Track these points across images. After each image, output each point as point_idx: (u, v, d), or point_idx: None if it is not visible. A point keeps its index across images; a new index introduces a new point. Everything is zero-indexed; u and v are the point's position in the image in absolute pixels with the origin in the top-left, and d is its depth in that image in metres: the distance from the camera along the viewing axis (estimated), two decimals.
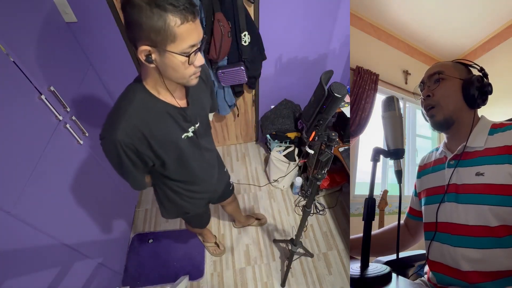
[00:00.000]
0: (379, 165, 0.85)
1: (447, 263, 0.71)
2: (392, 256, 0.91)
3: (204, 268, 1.79)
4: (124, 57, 1.67)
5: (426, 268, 0.82)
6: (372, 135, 1.96)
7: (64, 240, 1.17)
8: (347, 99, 1.86)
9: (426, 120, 0.78)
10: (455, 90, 0.71)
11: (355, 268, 0.70)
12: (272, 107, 2.20)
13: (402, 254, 0.94)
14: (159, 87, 0.76)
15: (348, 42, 1.93)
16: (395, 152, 0.76)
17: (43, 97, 1.11)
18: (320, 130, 1.00)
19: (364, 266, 0.70)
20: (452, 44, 1.86)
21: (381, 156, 0.77)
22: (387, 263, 0.88)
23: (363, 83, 1.80)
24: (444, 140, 0.79)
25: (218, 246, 1.84)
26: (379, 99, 1.51)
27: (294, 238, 1.50)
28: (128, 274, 1.76)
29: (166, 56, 0.65)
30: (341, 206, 2.12)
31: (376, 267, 0.69)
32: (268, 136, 2.19)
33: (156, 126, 0.78)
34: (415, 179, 0.89)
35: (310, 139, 1.05)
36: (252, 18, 1.58)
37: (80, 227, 1.32)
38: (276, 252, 1.87)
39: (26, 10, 1.13)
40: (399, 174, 0.78)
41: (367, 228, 0.72)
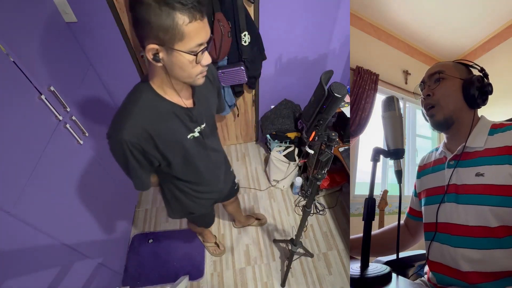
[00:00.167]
0: (379, 165, 0.85)
1: (447, 264, 0.71)
2: (392, 256, 0.91)
3: (204, 268, 1.79)
4: (124, 57, 1.67)
5: (426, 268, 0.82)
6: (372, 135, 1.96)
7: (64, 240, 1.17)
8: (347, 99, 1.86)
9: (426, 120, 0.78)
10: (455, 90, 0.71)
11: (355, 268, 0.70)
12: (272, 107, 2.20)
13: (402, 254, 0.94)
14: (166, 86, 0.76)
15: (348, 42, 1.93)
16: (395, 152, 0.76)
17: (43, 97, 1.11)
18: (320, 130, 1.00)
19: (364, 266, 0.70)
20: (452, 44, 1.86)
21: (381, 156, 0.77)
22: (387, 263, 0.88)
23: (363, 83, 1.80)
24: (443, 140, 0.79)
25: (218, 246, 1.84)
26: (379, 99, 1.51)
27: (294, 238, 1.50)
28: (128, 274, 1.76)
29: (174, 55, 0.65)
30: (341, 206, 2.12)
31: (376, 267, 0.69)
32: (268, 136, 2.19)
33: (162, 126, 0.78)
34: (415, 179, 0.89)
35: (310, 139, 1.05)
36: (252, 18, 1.58)
37: (80, 227, 1.32)
38: (276, 252, 1.87)
39: (26, 10, 1.13)
40: (399, 174, 0.78)
41: (367, 228, 0.72)
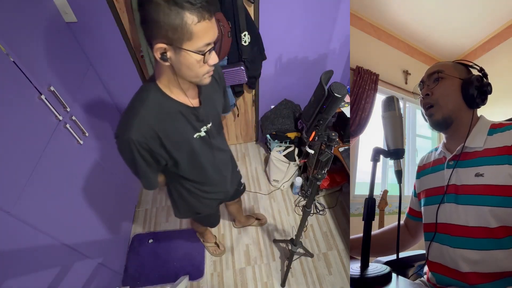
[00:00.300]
0: (379, 165, 0.85)
1: (447, 264, 0.71)
2: (392, 256, 0.91)
3: (204, 268, 1.79)
4: (124, 57, 1.67)
5: (426, 269, 0.82)
6: (372, 135, 1.95)
7: (64, 240, 1.17)
8: (347, 99, 1.86)
9: (425, 119, 0.78)
10: (455, 90, 0.71)
11: (355, 268, 0.70)
12: (272, 107, 2.20)
13: (402, 254, 0.94)
14: (172, 86, 0.76)
15: (348, 42, 1.93)
16: (395, 152, 0.76)
17: (43, 97, 1.11)
18: (320, 130, 1.00)
19: (364, 266, 0.70)
20: (452, 44, 1.86)
21: (381, 156, 0.77)
22: (387, 263, 0.88)
23: (363, 83, 1.80)
24: (443, 140, 0.79)
25: (218, 246, 1.84)
26: (379, 99, 1.51)
27: (294, 238, 1.50)
28: (128, 274, 1.76)
29: (182, 54, 0.65)
30: (341, 206, 2.12)
31: (376, 267, 0.69)
32: (268, 136, 2.19)
33: (169, 125, 0.78)
34: (415, 180, 0.89)
35: (310, 139, 1.05)
36: (252, 18, 1.58)
37: (80, 227, 1.32)
38: (276, 252, 1.87)
39: (26, 10, 1.13)
40: (399, 174, 0.78)
41: (367, 228, 0.72)
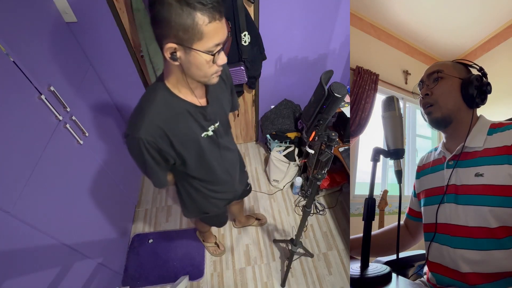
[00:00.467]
0: (379, 165, 0.85)
1: (447, 264, 0.71)
2: (392, 256, 0.91)
3: (204, 268, 1.79)
4: (124, 57, 1.67)
5: (426, 269, 0.82)
6: (372, 135, 1.96)
7: (64, 240, 1.17)
8: (347, 99, 1.86)
9: (425, 119, 0.78)
10: (454, 89, 0.71)
11: (355, 268, 0.70)
12: (272, 107, 2.20)
13: (402, 254, 0.94)
14: (181, 85, 0.77)
15: (348, 42, 1.93)
16: (395, 152, 0.76)
17: (43, 97, 1.11)
18: (320, 130, 1.00)
19: (364, 266, 0.70)
20: (452, 44, 1.86)
21: (381, 156, 0.77)
22: (387, 263, 0.88)
23: (363, 83, 1.80)
24: (442, 140, 0.79)
25: (218, 246, 1.84)
26: (379, 99, 1.51)
27: (294, 238, 1.50)
28: (128, 274, 1.76)
29: (191, 54, 0.65)
30: (341, 206, 2.12)
31: (376, 267, 0.69)
32: (268, 136, 2.19)
33: (177, 124, 0.79)
34: (415, 180, 0.89)
35: (310, 139, 1.05)
36: (252, 18, 1.58)
37: (80, 227, 1.32)
38: (276, 252, 1.87)
39: (26, 10, 1.13)
40: (399, 174, 0.78)
41: (367, 228, 0.72)
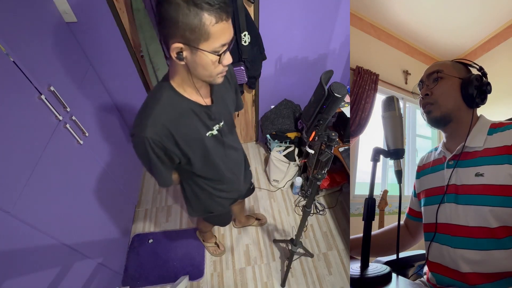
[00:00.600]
0: (379, 165, 0.85)
1: (447, 264, 0.71)
2: (392, 256, 0.91)
3: (204, 268, 1.79)
4: (124, 57, 1.67)
5: (426, 269, 0.82)
6: (372, 135, 1.95)
7: (64, 240, 1.17)
8: (347, 99, 1.86)
9: (424, 119, 0.78)
10: (454, 89, 0.71)
11: (355, 268, 0.70)
12: (272, 107, 2.20)
13: (402, 254, 0.94)
14: (186, 85, 0.77)
15: (348, 42, 1.93)
16: (395, 152, 0.76)
17: (43, 97, 1.11)
18: (320, 130, 1.00)
19: (364, 266, 0.70)
20: (452, 44, 1.85)
21: (381, 156, 0.77)
22: (387, 263, 0.88)
23: (363, 83, 1.80)
24: (442, 140, 0.79)
25: (218, 246, 1.84)
26: (379, 99, 1.51)
27: (294, 238, 1.50)
28: (128, 274, 1.76)
29: (198, 54, 0.66)
30: (341, 206, 2.12)
31: (376, 267, 0.69)
32: (268, 136, 2.19)
33: (182, 123, 0.79)
34: (415, 180, 0.89)
35: (310, 139, 1.05)
36: (252, 18, 1.58)
37: (80, 227, 1.32)
38: (276, 252, 1.87)
39: (26, 10, 1.13)
40: (399, 174, 0.78)
41: (367, 228, 0.72)
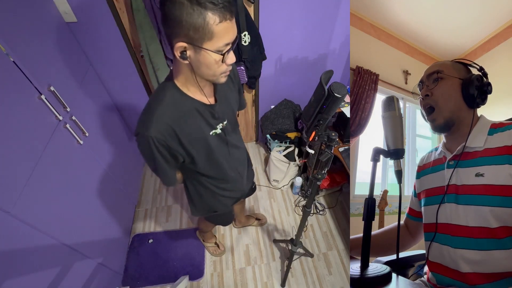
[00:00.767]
0: (379, 165, 0.85)
1: (447, 264, 0.71)
2: (392, 256, 0.91)
3: (204, 268, 1.79)
4: (124, 57, 1.67)
5: (426, 269, 0.82)
6: (372, 135, 1.95)
7: (64, 240, 1.17)
8: (347, 99, 1.86)
9: (425, 120, 0.78)
10: (454, 90, 0.71)
11: (355, 268, 0.70)
12: (272, 107, 2.20)
13: (402, 254, 0.94)
14: (190, 84, 0.78)
15: (348, 42, 1.93)
16: (395, 152, 0.76)
17: (43, 97, 1.11)
18: (320, 130, 1.00)
19: (364, 266, 0.70)
20: (452, 44, 1.85)
21: (381, 156, 0.77)
22: (387, 263, 0.88)
23: (363, 83, 1.80)
24: (443, 140, 0.79)
25: (218, 246, 1.84)
26: (379, 99, 1.51)
27: (294, 238, 1.50)
28: (128, 274, 1.76)
29: (201, 54, 0.66)
30: (341, 206, 2.12)
31: (376, 267, 0.69)
32: (268, 136, 2.19)
33: (186, 122, 0.79)
34: (415, 180, 0.89)
35: (310, 139, 1.05)
36: (252, 18, 1.58)
37: (80, 227, 1.32)
38: (276, 252, 1.87)
39: (26, 10, 1.13)
40: (399, 174, 0.78)
41: (367, 228, 0.72)
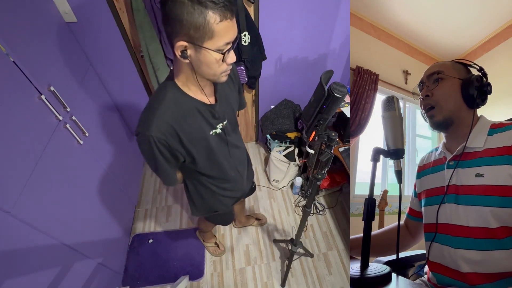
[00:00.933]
0: (379, 165, 0.85)
1: (447, 264, 0.71)
2: (392, 256, 0.91)
3: (204, 268, 1.79)
4: (124, 57, 1.67)
5: (426, 268, 0.82)
6: (372, 135, 1.96)
7: (64, 240, 1.17)
8: (347, 99, 1.86)
9: (425, 120, 0.78)
10: (454, 90, 0.71)
11: (355, 268, 0.70)
12: (272, 107, 2.20)
13: (402, 254, 0.94)
14: (190, 83, 0.78)
15: (348, 42, 1.93)
16: (395, 152, 0.76)
17: (43, 97, 1.11)
18: (320, 130, 1.00)
19: (364, 266, 0.70)
20: (452, 44, 1.86)
21: (381, 156, 0.77)
22: (387, 263, 0.88)
23: (363, 83, 1.80)
24: (443, 140, 0.79)
25: (218, 246, 1.84)
26: (379, 99, 1.51)
27: (294, 238, 1.50)
28: (128, 274, 1.76)
29: (202, 53, 0.66)
30: (341, 206, 2.12)
31: (376, 267, 0.69)
32: (268, 136, 2.19)
33: (186, 122, 0.79)
34: (415, 180, 0.89)
35: (310, 139, 1.05)
36: (252, 18, 1.58)
37: (80, 227, 1.32)
38: (276, 252, 1.87)
39: (26, 10, 1.13)
40: (399, 174, 0.78)
41: (367, 228, 0.72)
